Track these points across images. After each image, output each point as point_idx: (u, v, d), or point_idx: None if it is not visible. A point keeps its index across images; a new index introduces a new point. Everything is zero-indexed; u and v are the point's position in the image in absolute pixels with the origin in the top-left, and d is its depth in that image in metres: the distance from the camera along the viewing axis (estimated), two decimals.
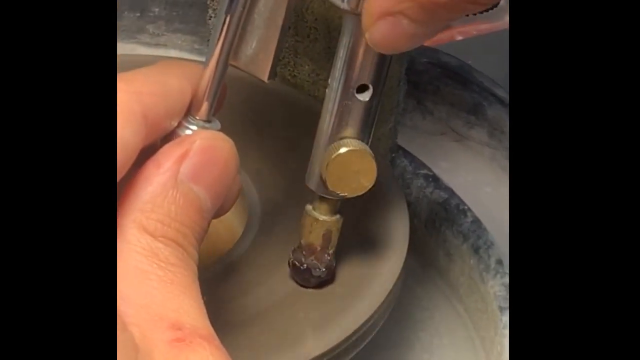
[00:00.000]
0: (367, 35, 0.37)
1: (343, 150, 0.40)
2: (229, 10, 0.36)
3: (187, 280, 0.34)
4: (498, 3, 0.37)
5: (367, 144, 0.42)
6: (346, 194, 0.42)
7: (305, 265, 0.43)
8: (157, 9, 0.62)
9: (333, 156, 0.41)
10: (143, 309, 0.32)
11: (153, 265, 0.33)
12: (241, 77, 0.40)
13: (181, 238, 0.34)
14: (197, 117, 0.37)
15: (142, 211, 0.34)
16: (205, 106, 0.37)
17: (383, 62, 0.40)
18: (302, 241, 0.43)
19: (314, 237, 0.43)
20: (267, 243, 0.46)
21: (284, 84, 0.54)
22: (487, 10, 0.41)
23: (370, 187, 0.42)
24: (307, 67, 0.53)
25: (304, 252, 0.43)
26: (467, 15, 0.40)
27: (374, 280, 0.45)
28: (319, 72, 0.53)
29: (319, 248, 0.43)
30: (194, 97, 0.37)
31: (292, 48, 0.53)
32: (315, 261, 0.43)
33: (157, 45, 0.62)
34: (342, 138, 0.41)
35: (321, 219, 0.43)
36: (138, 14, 0.62)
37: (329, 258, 0.44)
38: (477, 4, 0.35)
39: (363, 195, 0.43)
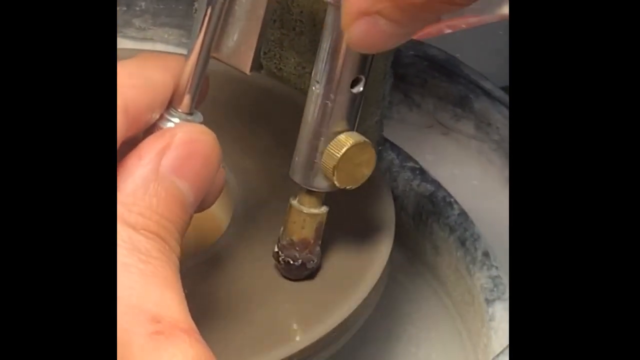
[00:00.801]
0: (345, 35, 0.37)
1: (347, 147, 0.41)
2: (210, 2, 0.36)
3: (168, 273, 0.34)
4: None
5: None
6: (351, 186, 0.42)
7: (300, 260, 0.43)
8: (143, 3, 0.62)
9: (339, 155, 0.41)
10: (123, 301, 0.32)
11: (134, 257, 0.33)
12: (226, 71, 0.40)
13: (163, 231, 0.34)
14: (179, 110, 0.37)
15: (123, 204, 0.34)
16: (187, 99, 0.37)
17: (366, 54, 0.40)
18: (294, 237, 0.43)
19: (307, 232, 0.43)
20: (251, 236, 0.46)
21: (270, 77, 0.54)
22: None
23: (369, 174, 0.42)
24: (293, 60, 0.53)
25: (297, 248, 0.43)
26: None
27: (360, 273, 0.45)
28: (305, 65, 0.53)
29: (312, 241, 0.43)
30: (175, 90, 0.37)
31: (277, 41, 0.53)
32: (309, 254, 0.43)
33: (143, 39, 0.62)
34: (336, 133, 0.41)
35: (311, 212, 0.43)
36: (124, 8, 0.62)
37: (318, 250, 0.44)
38: (453, 4, 0.35)
39: (349, 188, 0.43)
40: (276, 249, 0.43)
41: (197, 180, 0.36)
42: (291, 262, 0.43)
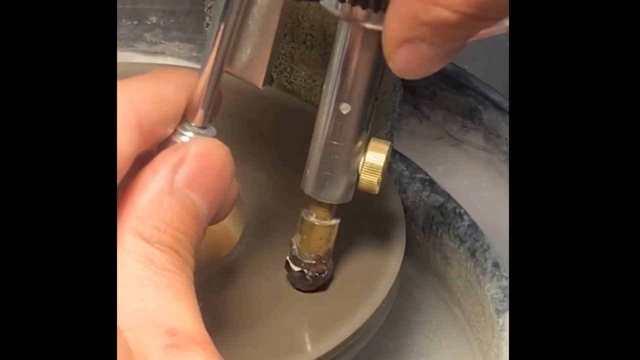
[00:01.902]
0: (390, 64, 0.37)
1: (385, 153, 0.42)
2: (224, 17, 0.36)
3: (183, 286, 0.34)
4: None
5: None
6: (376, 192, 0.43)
7: (312, 272, 0.43)
8: (154, 18, 0.62)
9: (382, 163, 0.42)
10: (138, 314, 0.32)
11: (149, 271, 0.33)
12: (237, 83, 0.41)
13: (177, 244, 0.34)
14: (193, 124, 0.38)
15: (138, 218, 0.34)
16: (200, 113, 0.37)
17: (377, 67, 0.40)
18: (306, 249, 0.43)
19: (319, 243, 0.43)
20: (263, 248, 0.46)
21: (281, 90, 0.55)
22: None
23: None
24: (303, 73, 0.54)
25: (309, 260, 0.43)
26: None
27: (372, 284, 0.45)
28: (316, 78, 0.53)
29: (324, 253, 0.43)
30: (189, 104, 0.37)
31: (288, 54, 0.53)
32: (321, 266, 0.43)
33: (154, 53, 0.63)
34: (347, 146, 0.42)
35: (323, 224, 0.43)
36: (135, 22, 0.62)
37: (330, 262, 0.44)
38: (487, 19, 0.35)
39: (360, 200, 0.43)
40: (288, 261, 0.44)
41: (211, 193, 0.36)
42: (303, 273, 0.43)
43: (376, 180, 0.42)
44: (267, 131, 0.52)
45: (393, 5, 0.36)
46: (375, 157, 0.42)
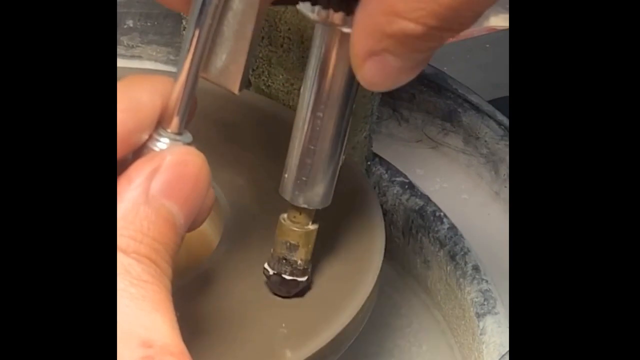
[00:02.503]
0: (358, 77, 0.37)
1: None
2: (198, 22, 0.36)
3: (160, 297, 0.34)
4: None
5: (340, 153, 0.42)
6: None
7: (290, 277, 0.43)
8: (131, 21, 0.62)
9: None
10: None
11: (125, 282, 0.33)
12: (215, 87, 0.40)
13: (154, 254, 0.34)
14: (168, 130, 0.37)
15: None
16: (176, 119, 0.37)
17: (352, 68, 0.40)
18: (284, 254, 0.43)
19: (297, 249, 0.43)
20: (241, 253, 0.45)
21: (258, 94, 0.54)
22: None
23: None
24: (281, 76, 0.54)
25: (287, 265, 0.43)
26: None
27: (351, 289, 0.45)
28: (293, 82, 0.53)
29: (302, 258, 0.43)
30: (164, 111, 0.37)
31: (266, 58, 0.53)
32: (300, 271, 0.43)
33: (131, 56, 0.62)
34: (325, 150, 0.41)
35: (302, 229, 0.43)
36: None
37: (308, 267, 0.44)
38: (451, 30, 0.35)
39: (339, 204, 0.43)
40: (266, 266, 0.44)
41: (187, 202, 0.36)
42: (282, 279, 0.43)
43: None
44: (245, 135, 0.52)
45: (358, 19, 0.36)
46: None
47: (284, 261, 0.43)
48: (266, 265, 0.43)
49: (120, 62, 0.62)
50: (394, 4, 0.35)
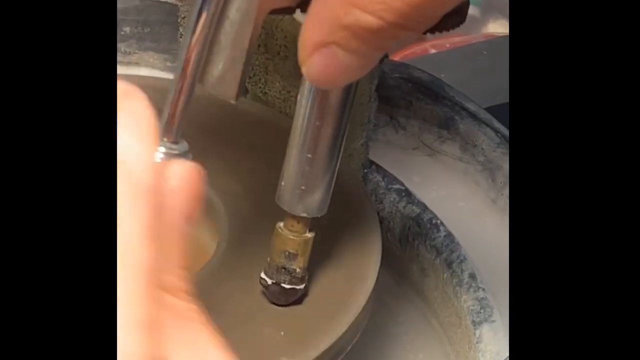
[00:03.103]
0: (303, 70, 0.36)
1: None
2: (195, 31, 0.36)
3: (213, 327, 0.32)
4: (455, 22, 0.37)
5: (337, 160, 0.42)
6: None
7: (287, 285, 0.43)
8: (127, 28, 0.62)
9: None
10: None
11: (193, 332, 0.31)
12: (210, 95, 0.40)
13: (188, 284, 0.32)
14: (164, 139, 0.37)
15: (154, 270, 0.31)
16: (172, 129, 0.37)
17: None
18: (281, 262, 0.43)
19: (294, 257, 0.43)
20: (237, 261, 0.46)
21: (255, 101, 0.54)
22: (457, 25, 0.41)
23: None
24: (278, 84, 0.54)
25: (284, 273, 0.43)
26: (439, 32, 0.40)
27: (348, 297, 0.45)
28: (290, 89, 0.53)
29: (299, 266, 0.43)
30: (161, 120, 0.37)
31: (262, 65, 0.53)
32: (296, 279, 0.43)
33: (128, 63, 0.62)
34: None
35: (298, 238, 0.43)
36: None
37: (305, 275, 0.44)
38: (408, 29, 0.34)
39: (336, 211, 0.43)
40: (263, 275, 0.43)
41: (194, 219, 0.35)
42: (281, 288, 0.43)
43: None
44: (241, 142, 0.52)
45: (312, 7, 0.35)
46: None
47: (283, 270, 0.43)
48: (263, 275, 0.43)
49: (118, 69, 0.62)
50: None
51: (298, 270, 0.43)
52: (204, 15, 0.36)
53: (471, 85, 0.65)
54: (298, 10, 0.39)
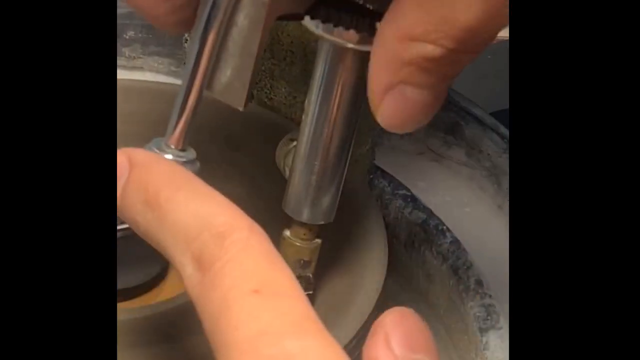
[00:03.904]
0: (378, 118, 0.36)
1: None
2: (203, 38, 0.36)
3: None
4: None
5: (345, 165, 0.42)
6: None
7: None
8: (132, 32, 0.62)
9: None
10: None
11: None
12: (215, 99, 0.40)
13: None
14: (172, 146, 0.37)
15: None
16: (179, 136, 0.37)
17: (359, 87, 0.40)
18: (298, 271, 0.43)
19: (300, 263, 0.43)
20: None
21: (261, 107, 0.54)
22: None
23: None
24: (283, 89, 0.53)
25: (300, 281, 0.43)
26: None
27: (354, 303, 0.45)
28: (296, 95, 0.53)
29: (305, 273, 0.43)
30: (169, 126, 0.37)
31: (268, 71, 0.53)
32: (304, 286, 0.43)
33: (133, 68, 0.62)
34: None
35: (305, 245, 0.43)
36: None
37: (310, 282, 0.44)
38: (470, 53, 0.34)
39: (342, 217, 0.43)
40: None
41: None
42: None
43: None
44: (247, 148, 0.52)
45: (373, 54, 0.35)
46: None
47: (299, 279, 0.43)
48: None
49: (122, 74, 0.62)
50: (410, 28, 0.34)
51: (311, 276, 0.43)
52: (211, 23, 0.36)
53: (476, 90, 0.65)
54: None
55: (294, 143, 0.42)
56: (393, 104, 0.35)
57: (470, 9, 0.33)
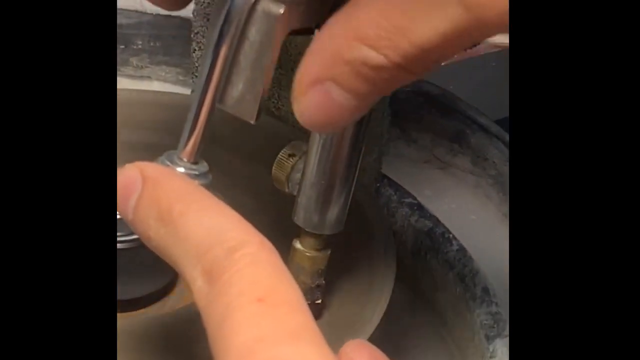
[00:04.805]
0: (294, 108, 0.35)
1: None
2: (215, 52, 0.36)
3: None
4: None
5: (354, 175, 0.42)
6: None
7: (319, 300, 0.43)
8: (140, 42, 0.62)
9: None
10: None
11: None
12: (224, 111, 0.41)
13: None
14: (184, 159, 0.37)
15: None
16: (192, 149, 0.37)
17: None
18: (297, 279, 0.43)
19: (309, 273, 0.43)
20: None
21: (268, 117, 0.55)
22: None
23: None
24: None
25: (317, 290, 0.43)
26: None
27: (362, 313, 0.45)
28: None
29: (314, 283, 0.43)
30: (181, 140, 0.37)
31: (276, 81, 0.53)
32: (311, 295, 0.43)
33: (141, 77, 0.63)
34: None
35: (314, 255, 0.43)
36: (122, 47, 0.62)
37: (320, 291, 0.44)
38: (410, 73, 0.33)
39: (349, 226, 0.43)
40: None
41: None
42: (314, 305, 0.43)
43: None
44: (255, 157, 0.52)
45: (314, 42, 0.34)
46: None
47: (318, 288, 0.43)
48: None
49: (129, 83, 0.63)
50: (361, 29, 0.33)
51: (320, 285, 0.43)
52: (224, 37, 0.36)
53: (480, 97, 0.65)
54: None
55: (296, 158, 0.42)
56: (315, 99, 0.34)
57: (429, 25, 0.32)
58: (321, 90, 0.34)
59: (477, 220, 0.58)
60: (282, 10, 0.36)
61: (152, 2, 0.39)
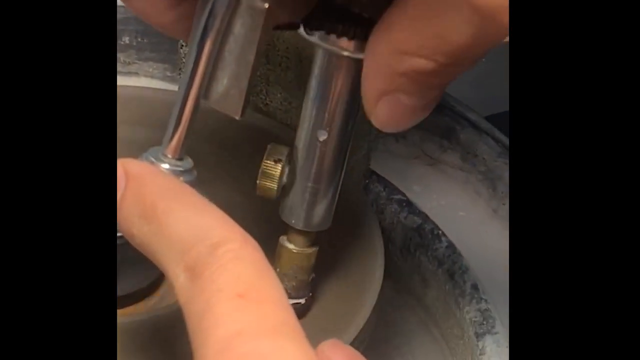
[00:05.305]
0: (372, 119, 0.37)
1: None
2: (200, 47, 0.36)
3: None
4: None
5: (342, 172, 0.42)
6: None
7: (291, 300, 0.43)
8: (127, 38, 0.62)
9: None
10: None
11: None
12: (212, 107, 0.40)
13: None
14: (169, 156, 0.37)
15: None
16: (176, 146, 0.37)
17: (355, 94, 0.40)
18: (285, 276, 0.43)
19: (297, 270, 0.43)
20: None
21: (257, 113, 0.54)
22: None
23: None
24: (279, 95, 0.53)
25: (286, 287, 0.43)
26: None
27: (350, 310, 0.45)
28: (291, 100, 0.53)
29: (301, 280, 0.43)
30: (165, 136, 0.37)
31: (264, 76, 0.53)
32: (299, 293, 0.43)
33: (128, 73, 0.62)
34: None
35: (301, 251, 0.43)
36: None
37: (308, 288, 0.44)
38: (462, 66, 0.35)
39: (338, 222, 0.43)
40: (296, 299, 0.43)
41: None
42: (304, 303, 0.43)
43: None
44: (242, 153, 0.52)
45: (367, 61, 0.36)
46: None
47: (284, 283, 0.43)
48: (297, 300, 0.43)
49: (117, 79, 0.62)
50: (402, 43, 0.35)
51: (308, 282, 0.43)
52: (208, 31, 0.36)
53: (471, 94, 0.65)
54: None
55: (282, 163, 0.42)
56: (387, 108, 0.37)
57: (460, 30, 0.34)
58: (390, 99, 0.36)
59: (466, 217, 0.58)
60: (267, 5, 0.35)
61: (168, 34, 0.40)
